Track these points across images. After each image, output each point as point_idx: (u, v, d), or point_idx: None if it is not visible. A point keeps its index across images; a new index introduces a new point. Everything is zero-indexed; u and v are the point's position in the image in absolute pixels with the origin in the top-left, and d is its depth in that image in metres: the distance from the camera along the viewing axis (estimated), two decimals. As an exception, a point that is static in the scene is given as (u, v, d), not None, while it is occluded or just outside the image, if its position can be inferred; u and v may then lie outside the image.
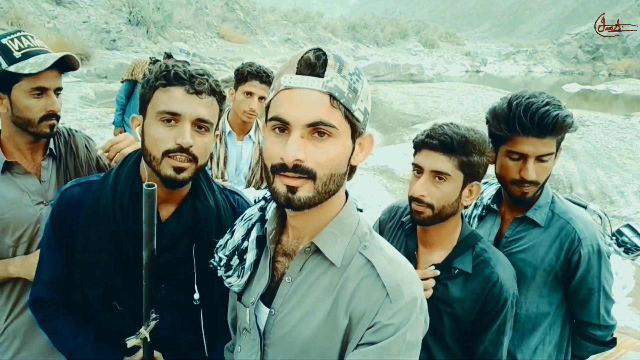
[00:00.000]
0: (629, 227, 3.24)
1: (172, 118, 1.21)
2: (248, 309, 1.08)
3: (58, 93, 1.69)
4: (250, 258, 1.10)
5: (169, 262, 1.30)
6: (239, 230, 1.14)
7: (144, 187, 1.14)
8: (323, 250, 0.99)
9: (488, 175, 1.85)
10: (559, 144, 1.60)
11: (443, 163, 1.43)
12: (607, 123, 13.18)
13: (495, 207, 1.79)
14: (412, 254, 1.58)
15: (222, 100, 1.31)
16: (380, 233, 1.75)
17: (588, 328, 1.71)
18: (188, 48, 5.71)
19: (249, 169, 2.89)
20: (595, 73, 39.32)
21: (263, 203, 1.16)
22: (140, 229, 1.23)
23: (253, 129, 2.87)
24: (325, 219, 1.01)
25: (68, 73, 1.79)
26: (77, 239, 1.31)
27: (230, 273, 1.12)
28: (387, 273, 0.96)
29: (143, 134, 1.27)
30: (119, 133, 5.55)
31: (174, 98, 1.21)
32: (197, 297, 1.32)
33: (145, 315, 1.26)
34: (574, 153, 10.10)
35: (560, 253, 1.63)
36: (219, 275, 1.15)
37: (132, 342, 1.25)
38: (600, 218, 3.18)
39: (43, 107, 1.64)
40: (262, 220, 1.14)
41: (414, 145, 1.52)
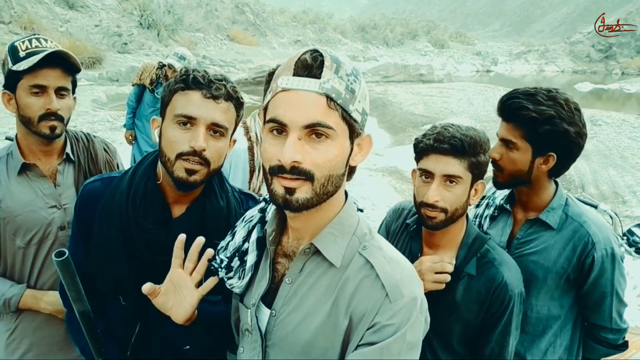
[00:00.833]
0: (640, 226, 3.21)
1: (188, 121, 1.24)
2: (249, 310, 1.09)
3: (63, 94, 1.68)
4: (251, 259, 1.11)
5: None
6: (240, 232, 1.16)
7: (54, 257, 1.15)
8: (323, 251, 1.00)
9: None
10: (535, 144, 1.56)
11: (454, 166, 1.42)
12: (619, 122, 13.03)
13: (508, 207, 1.78)
14: (416, 257, 1.58)
15: (239, 106, 1.34)
16: (386, 234, 1.75)
17: (600, 331, 1.69)
18: (185, 52, 5.49)
19: None
20: (608, 72, 38.84)
21: (263, 204, 1.17)
22: (149, 225, 1.27)
23: None
24: (325, 220, 1.02)
25: (81, 77, 1.81)
26: (93, 230, 1.36)
27: (231, 275, 1.13)
28: (386, 273, 0.97)
29: (160, 136, 1.31)
30: (130, 136, 5.60)
31: (191, 102, 1.24)
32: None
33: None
34: (586, 153, 9.99)
35: (573, 256, 1.61)
36: (220, 277, 1.16)
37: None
38: (611, 218, 3.15)
39: (42, 105, 1.64)
40: (262, 222, 1.15)
41: (419, 150, 1.49)
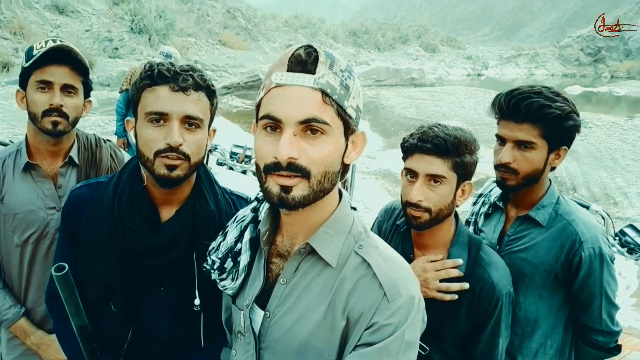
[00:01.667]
0: (632, 227, 3.22)
1: (160, 118, 1.21)
2: (242, 312, 1.07)
3: (70, 92, 1.69)
4: (244, 260, 1.09)
5: (167, 264, 1.30)
6: (232, 232, 1.13)
7: (53, 272, 1.13)
8: (318, 251, 0.98)
9: (489, 176, 1.85)
10: (551, 139, 1.57)
11: (438, 166, 1.42)
12: (609, 125, 13.17)
13: (501, 204, 1.79)
14: (407, 257, 1.56)
15: (211, 95, 1.29)
16: (378, 234, 1.74)
17: (590, 333, 1.68)
18: (171, 50, 5.39)
19: None
20: (598, 75, 39.23)
21: (255, 204, 1.15)
22: (136, 228, 1.23)
23: None
24: (320, 219, 1.00)
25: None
26: (80, 236, 1.33)
27: (224, 276, 1.11)
28: (383, 272, 0.95)
29: (136, 136, 1.27)
30: (122, 143, 5.53)
31: (160, 97, 1.20)
32: (197, 302, 1.32)
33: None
34: (577, 155, 10.07)
35: (561, 254, 1.61)
36: (213, 279, 1.13)
37: None
38: (603, 219, 3.16)
39: (46, 101, 1.65)
40: (255, 222, 1.12)
41: (405, 150, 1.50)
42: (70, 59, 1.66)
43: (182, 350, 1.38)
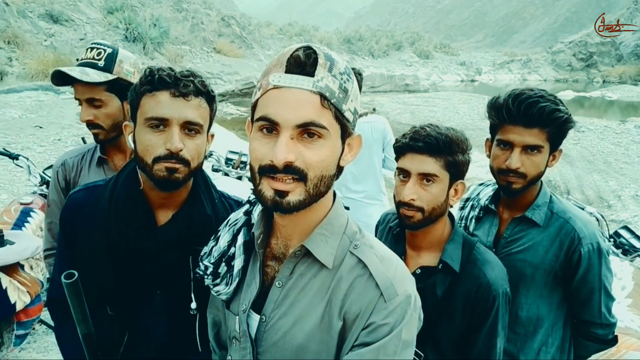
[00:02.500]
0: (627, 229, 3.24)
1: (160, 123, 1.20)
2: (238, 317, 1.06)
3: (96, 104, 1.76)
4: (238, 264, 1.08)
5: (163, 268, 1.30)
6: (224, 237, 1.12)
7: (62, 279, 1.13)
8: (314, 253, 0.98)
9: (481, 178, 1.85)
10: (553, 142, 1.59)
11: (430, 165, 1.42)
12: (602, 128, 13.26)
13: (493, 207, 1.78)
14: (400, 259, 1.57)
15: (211, 100, 1.29)
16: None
17: (590, 327, 1.69)
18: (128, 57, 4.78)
19: None
20: (590, 80, 39.53)
21: (248, 207, 1.13)
22: (132, 232, 1.23)
23: None
24: (314, 221, 1.00)
25: (65, 90, 1.90)
26: (77, 240, 1.32)
27: (218, 281, 1.09)
28: (379, 272, 0.95)
29: (135, 141, 1.27)
30: None
31: (160, 103, 1.20)
32: (194, 306, 1.31)
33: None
34: (571, 159, 10.13)
35: (560, 252, 1.62)
36: (206, 285, 1.12)
37: None
38: (598, 220, 3.18)
39: (82, 117, 1.77)
40: (248, 225, 1.11)
41: (397, 150, 1.51)
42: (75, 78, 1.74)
43: (178, 354, 1.37)
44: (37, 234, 3.05)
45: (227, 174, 3.66)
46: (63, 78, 1.71)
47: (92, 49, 1.79)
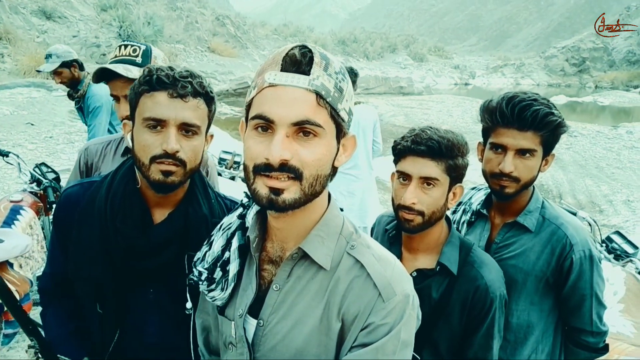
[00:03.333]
0: (619, 234, 3.27)
1: (157, 124, 1.20)
2: (233, 322, 1.04)
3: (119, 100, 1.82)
4: (234, 269, 1.06)
5: (157, 266, 1.29)
6: (218, 241, 1.10)
7: None
8: (311, 255, 0.97)
9: (474, 182, 1.85)
10: (547, 146, 1.58)
11: (432, 168, 1.41)
12: (594, 134, 13.37)
13: (485, 212, 1.77)
14: None
15: (210, 101, 1.29)
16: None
17: (580, 335, 1.68)
18: (55, 49, 4.10)
19: None
20: (582, 85, 39.88)
21: (241, 210, 1.12)
22: (127, 230, 1.22)
23: None
24: (310, 222, 0.99)
25: (57, 87, 1.90)
26: (72, 235, 1.32)
27: (213, 287, 1.08)
28: (377, 272, 0.94)
29: (133, 140, 1.26)
30: None
31: (158, 103, 1.19)
32: (189, 306, 1.30)
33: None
34: (563, 163, 10.20)
35: (552, 259, 1.61)
36: (201, 291, 1.11)
37: None
38: (590, 225, 3.20)
39: (119, 112, 1.82)
40: (242, 229, 1.09)
41: (397, 153, 1.49)
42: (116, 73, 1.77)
43: (170, 355, 1.36)
44: (26, 232, 3.01)
45: (220, 174, 3.65)
46: (102, 75, 1.77)
47: (125, 47, 1.82)
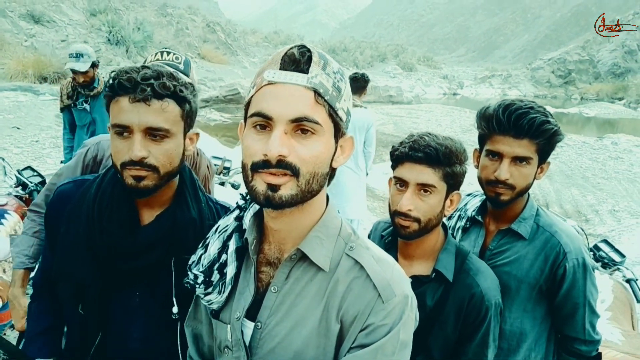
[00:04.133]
0: (606, 242, 3.30)
1: (123, 130, 1.17)
2: (229, 326, 1.03)
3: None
4: (231, 272, 1.05)
5: (142, 269, 1.27)
6: (214, 244, 1.09)
7: None
8: (310, 256, 0.96)
9: (471, 183, 1.85)
10: (542, 154, 1.58)
11: (429, 175, 1.40)
12: (580, 144, 13.57)
13: (480, 218, 1.77)
14: None
15: (181, 100, 1.23)
16: None
17: (573, 343, 1.68)
18: (80, 48, 4.08)
19: None
20: (568, 97, 40.46)
21: (238, 212, 1.10)
22: (113, 229, 1.21)
23: None
24: (308, 223, 0.98)
25: (45, 91, 1.86)
26: (60, 232, 1.30)
27: (210, 290, 1.06)
28: (376, 273, 0.94)
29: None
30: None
31: (122, 109, 1.17)
32: (175, 310, 1.28)
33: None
34: (549, 173, 10.30)
35: (545, 266, 1.61)
36: (197, 294, 1.09)
37: None
38: (577, 233, 3.22)
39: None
40: (239, 231, 1.08)
41: (395, 159, 1.48)
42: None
43: None
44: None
45: (209, 180, 3.62)
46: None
47: (167, 53, 1.81)
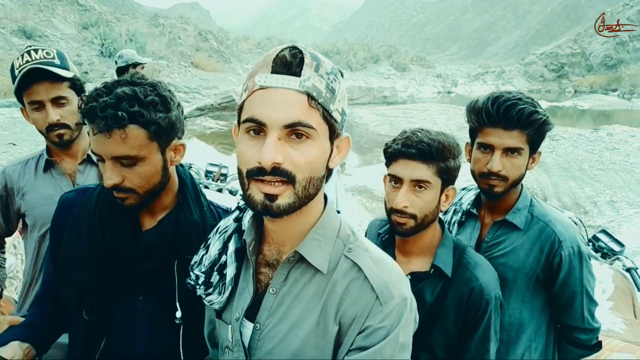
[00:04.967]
0: (605, 232, 3.30)
1: (99, 158, 1.19)
2: (230, 326, 1.03)
3: (62, 102, 1.75)
4: (231, 272, 1.05)
5: (144, 273, 1.27)
6: (215, 244, 1.09)
7: None
8: (308, 258, 0.96)
9: (467, 180, 1.86)
10: (533, 144, 1.60)
11: (423, 171, 1.40)
12: (576, 137, 13.59)
13: (475, 211, 1.78)
14: None
15: (147, 124, 1.17)
16: None
17: (573, 332, 1.69)
18: (125, 52, 4.45)
19: None
20: (562, 90, 40.55)
21: (237, 213, 1.10)
22: (115, 234, 1.22)
23: None
24: (306, 225, 0.98)
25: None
26: (63, 239, 1.31)
27: (211, 291, 1.07)
28: (375, 275, 0.94)
29: None
30: None
31: (93, 138, 1.17)
32: (179, 315, 1.28)
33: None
34: (546, 166, 10.33)
35: (541, 256, 1.62)
36: (198, 295, 1.09)
37: None
38: (576, 225, 3.23)
39: (44, 120, 1.73)
40: (239, 232, 1.08)
41: (388, 156, 1.48)
42: (48, 75, 1.70)
43: None
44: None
45: (207, 187, 3.63)
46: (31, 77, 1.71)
47: (35, 51, 1.77)
